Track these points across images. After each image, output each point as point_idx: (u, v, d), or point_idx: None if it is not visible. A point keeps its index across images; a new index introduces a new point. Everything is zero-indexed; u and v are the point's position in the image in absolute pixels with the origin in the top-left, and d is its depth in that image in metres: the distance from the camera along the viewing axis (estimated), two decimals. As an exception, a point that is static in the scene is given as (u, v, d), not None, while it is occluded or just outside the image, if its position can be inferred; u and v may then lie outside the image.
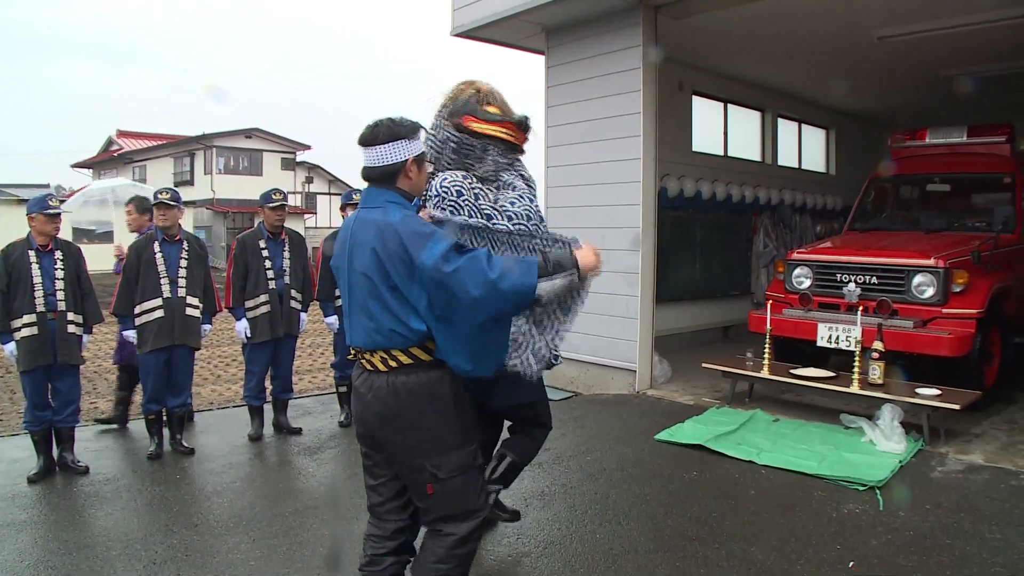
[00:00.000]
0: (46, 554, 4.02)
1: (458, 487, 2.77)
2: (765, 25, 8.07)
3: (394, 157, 2.77)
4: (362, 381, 2.83)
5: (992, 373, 6.73)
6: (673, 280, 9.46)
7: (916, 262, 6.54)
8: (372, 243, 2.68)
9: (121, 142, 39.29)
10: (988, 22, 7.35)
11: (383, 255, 2.65)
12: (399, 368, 2.74)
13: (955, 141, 8.43)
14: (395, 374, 2.74)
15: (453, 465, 2.76)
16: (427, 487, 2.76)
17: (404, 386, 2.73)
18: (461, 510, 2.79)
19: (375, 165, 2.78)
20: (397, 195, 2.79)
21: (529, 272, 2.67)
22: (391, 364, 2.74)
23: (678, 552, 3.96)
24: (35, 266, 5.13)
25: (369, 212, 2.78)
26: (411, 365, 2.74)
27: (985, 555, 3.88)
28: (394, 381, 2.73)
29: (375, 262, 2.67)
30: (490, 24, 8.04)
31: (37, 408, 5.21)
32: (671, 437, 5.90)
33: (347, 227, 2.87)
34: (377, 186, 2.81)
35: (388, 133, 2.76)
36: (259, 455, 5.82)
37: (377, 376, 2.77)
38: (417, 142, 2.84)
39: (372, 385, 2.77)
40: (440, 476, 2.74)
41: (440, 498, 2.76)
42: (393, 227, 2.65)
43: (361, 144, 2.80)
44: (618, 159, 7.53)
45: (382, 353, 2.75)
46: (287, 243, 6.18)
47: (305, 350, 11.60)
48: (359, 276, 2.74)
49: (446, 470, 2.74)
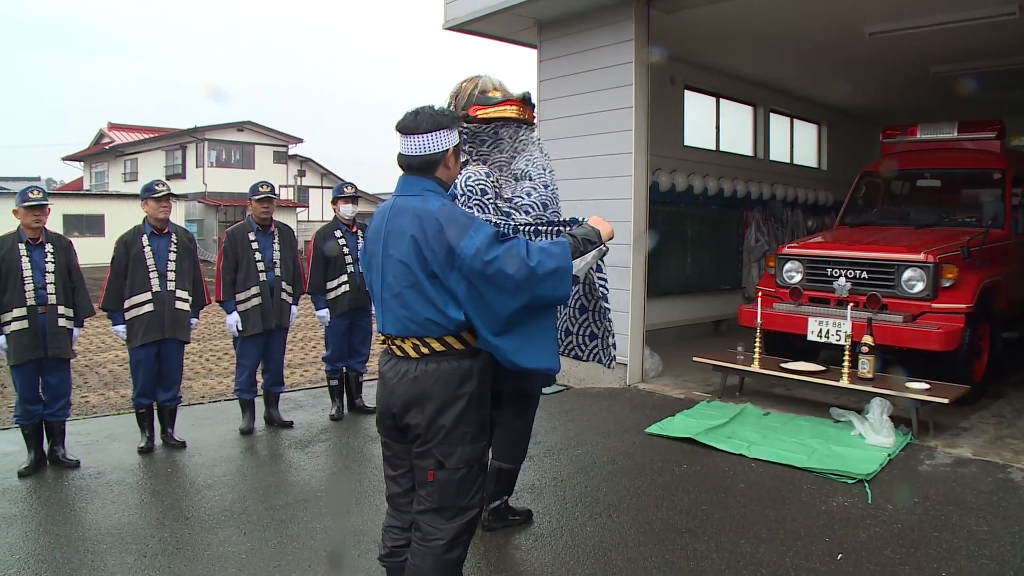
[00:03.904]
0: (37, 548, 4.01)
1: (459, 480, 2.77)
2: (757, 20, 8.08)
3: (437, 146, 2.77)
4: (390, 367, 2.82)
5: (981, 368, 6.77)
6: (664, 274, 9.49)
7: (906, 257, 6.57)
8: (410, 230, 2.67)
9: (112, 135, 39.12)
10: (977, 19, 7.37)
11: (422, 242, 2.64)
12: (430, 355, 2.73)
13: (946, 137, 8.47)
14: (425, 361, 2.74)
15: (461, 457, 2.76)
16: (429, 473, 2.75)
17: (433, 373, 2.72)
18: (454, 505, 2.78)
19: (417, 154, 2.77)
20: (435, 184, 2.80)
21: (565, 255, 2.73)
22: (423, 351, 2.74)
23: (668, 545, 3.98)
24: (25, 259, 5.10)
25: (407, 200, 2.76)
26: (443, 353, 2.74)
27: (972, 547, 3.91)
28: (424, 368, 2.73)
29: (414, 249, 2.66)
30: (483, 18, 8.03)
31: (27, 402, 5.19)
32: (662, 431, 5.92)
33: (382, 214, 2.85)
34: (415, 175, 2.80)
35: (431, 122, 2.76)
36: (250, 448, 5.82)
37: (407, 362, 2.76)
38: (455, 132, 2.85)
39: (400, 371, 2.77)
40: (447, 465, 2.74)
41: (439, 487, 2.75)
42: (433, 215, 2.65)
43: (401, 132, 2.79)
44: (610, 153, 7.53)
45: (414, 340, 2.74)
46: (277, 235, 6.16)
47: (297, 344, 11.59)
48: (395, 263, 2.73)
49: (454, 460, 2.75)
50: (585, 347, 3.61)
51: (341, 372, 6.64)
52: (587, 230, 2.93)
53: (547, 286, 2.67)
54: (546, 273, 2.65)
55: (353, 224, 6.52)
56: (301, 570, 3.74)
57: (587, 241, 2.87)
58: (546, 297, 2.71)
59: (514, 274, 2.59)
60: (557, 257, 2.70)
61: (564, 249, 2.75)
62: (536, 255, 2.65)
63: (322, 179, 41.10)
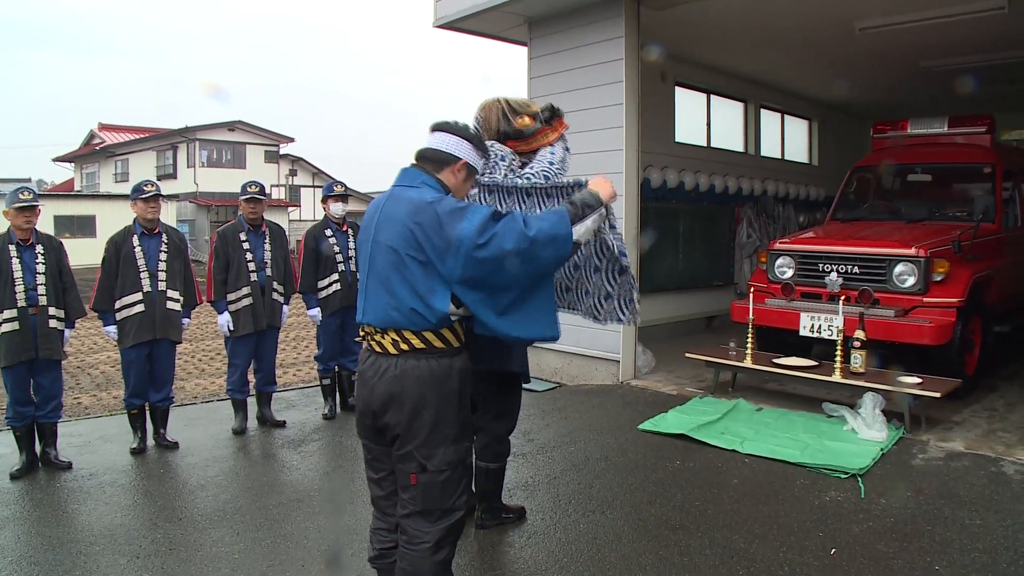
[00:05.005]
0: (29, 550, 4.00)
1: (442, 482, 2.75)
2: (747, 16, 8.09)
3: (454, 149, 2.88)
4: (369, 364, 2.80)
5: (973, 361, 6.80)
6: (656, 270, 9.49)
7: (897, 251, 6.58)
8: (404, 217, 2.69)
9: (103, 135, 38.92)
10: (967, 13, 7.40)
11: (416, 229, 2.65)
12: (410, 352, 2.72)
13: (936, 132, 8.51)
14: (404, 358, 2.72)
15: (444, 459, 2.74)
16: (412, 476, 2.74)
17: (412, 370, 2.70)
18: (438, 507, 2.76)
19: (434, 147, 2.88)
20: (435, 181, 2.83)
21: (562, 221, 2.75)
22: (402, 347, 2.72)
23: (661, 541, 3.99)
24: (16, 260, 5.08)
25: (404, 190, 2.79)
26: (422, 350, 2.72)
27: (965, 541, 3.93)
28: (403, 365, 2.71)
29: (406, 235, 2.67)
30: (473, 15, 8.01)
31: (19, 404, 5.17)
32: (654, 427, 5.92)
33: (376, 204, 2.88)
34: (420, 168, 2.85)
35: (460, 130, 2.91)
36: (243, 448, 5.81)
37: (385, 359, 2.74)
38: (476, 155, 2.96)
39: (379, 368, 2.75)
40: (429, 468, 2.72)
41: (423, 490, 2.74)
42: (429, 203, 2.67)
43: (432, 127, 2.94)
44: (601, 150, 7.52)
45: (393, 335, 2.73)
46: (268, 235, 6.15)
47: (289, 343, 11.57)
48: (384, 249, 2.73)
49: (436, 463, 2.72)
50: (601, 309, 3.59)
51: (333, 371, 6.63)
52: (585, 195, 2.92)
53: (548, 254, 2.70)
54: (546, 241, 2.67)
55: (344, 223, 6.51)
56: (295, 570, 3.74)
57: (586, 206, 2.86)
58: (549, 265, 2.75)
59: (514, 247, 2.60)
60: (555, 224, 2.72)
61: (562, 215, 2.77)
62: (534, 225, 2.67)
63: (313, 178, 40.99)
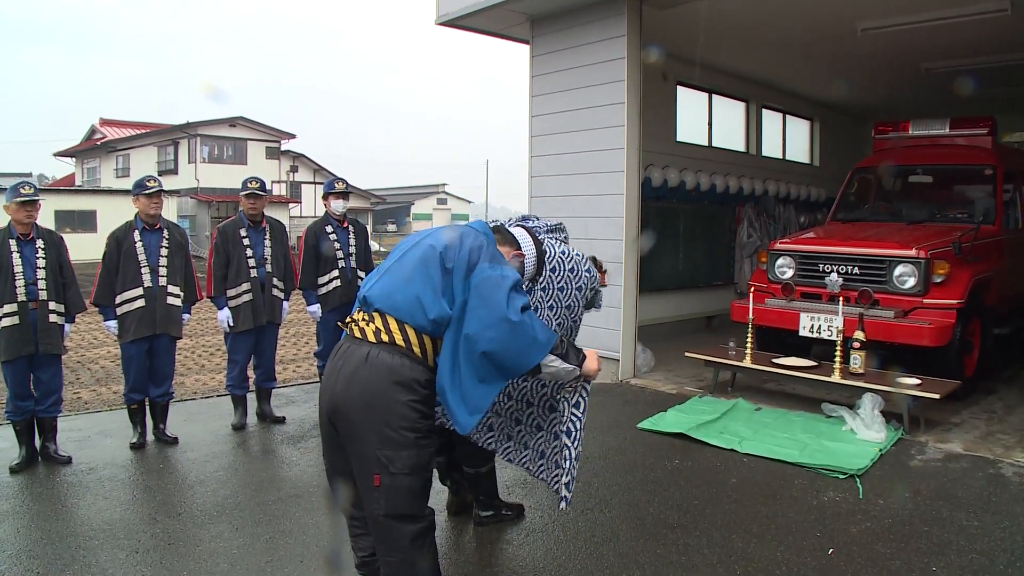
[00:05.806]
0: (28, 543, 4.00)
1: (406, 487, 2.70)
2: (749, 16, 8.10)
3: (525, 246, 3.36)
4: (342, 352, 2.78)
5: (972, 363, 6.80)
6: (657, 270, 9.50)
7: (898, 253, 6.59)
8: (451, 235, 2.86)
9: (104, 131, 38.93)
10: (969, 15, 7.40)
11: (455, 245, 2.80)
12: (388, 344, 2.70)
13: (937, 133, 8.50)
14: (380, 348, 2.69)
15: (406, 463, 2.67)
16: (375, 477, 2.67)
17: (384, 362, 2.67)
18: (405, 512, 2.72)
19: (513, 233, 3.31)
20: (492, 239, 2.99)
21: (549, 339, 2.85)
22: (382, 338, 2.70)
23: (659, 540, 3.99)
24: (16, 255, 5.08)
25: (463, 224, 3.03)
26: (400, 348, 2.70)
27: (963, 542, 3.93)
28: (376, 354, 2.68)
29: (444, 245, 2.80)
30: (475, 13, 8.01)
31: (19, 398, 5.18)
32: (653, 426, 5.93)
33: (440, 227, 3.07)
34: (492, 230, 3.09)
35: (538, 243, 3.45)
36: (242, 444, 5.81)
37: (361, 346, 2.72)
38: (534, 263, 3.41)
39: (350, 353, 2.73)
40: (392, 470, 2.66)
41: (386, 493, 2.68)
42: (478, 236, 2.89)
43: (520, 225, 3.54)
44: (602, 149, 7.54)
45: (379, 323, 2.72)
46: (268, 231, 6.15)
47: (289, 339, 11.58)
48: (423, 247, 2.85)
49: (398, 465, 2.66)
50: (550, 473, 3.67)
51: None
52: (577, 349, 3.04)
53: (519, 343, 2.74)
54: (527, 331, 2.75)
55: (344, 219, 6.51)
56: (293, 565, 3.74)
57: (572, 355, 2.97)
58: (511, 352, 2.76)
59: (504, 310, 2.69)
60: (543, 331, 2.83)
61: (551, 336, 2.87)
62: (533, 316, 2.80)
63: (315, 175, 40.99)
